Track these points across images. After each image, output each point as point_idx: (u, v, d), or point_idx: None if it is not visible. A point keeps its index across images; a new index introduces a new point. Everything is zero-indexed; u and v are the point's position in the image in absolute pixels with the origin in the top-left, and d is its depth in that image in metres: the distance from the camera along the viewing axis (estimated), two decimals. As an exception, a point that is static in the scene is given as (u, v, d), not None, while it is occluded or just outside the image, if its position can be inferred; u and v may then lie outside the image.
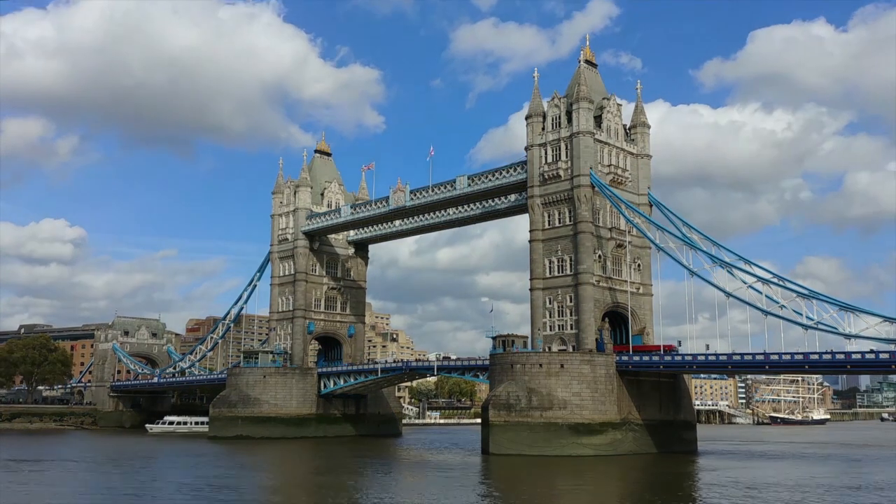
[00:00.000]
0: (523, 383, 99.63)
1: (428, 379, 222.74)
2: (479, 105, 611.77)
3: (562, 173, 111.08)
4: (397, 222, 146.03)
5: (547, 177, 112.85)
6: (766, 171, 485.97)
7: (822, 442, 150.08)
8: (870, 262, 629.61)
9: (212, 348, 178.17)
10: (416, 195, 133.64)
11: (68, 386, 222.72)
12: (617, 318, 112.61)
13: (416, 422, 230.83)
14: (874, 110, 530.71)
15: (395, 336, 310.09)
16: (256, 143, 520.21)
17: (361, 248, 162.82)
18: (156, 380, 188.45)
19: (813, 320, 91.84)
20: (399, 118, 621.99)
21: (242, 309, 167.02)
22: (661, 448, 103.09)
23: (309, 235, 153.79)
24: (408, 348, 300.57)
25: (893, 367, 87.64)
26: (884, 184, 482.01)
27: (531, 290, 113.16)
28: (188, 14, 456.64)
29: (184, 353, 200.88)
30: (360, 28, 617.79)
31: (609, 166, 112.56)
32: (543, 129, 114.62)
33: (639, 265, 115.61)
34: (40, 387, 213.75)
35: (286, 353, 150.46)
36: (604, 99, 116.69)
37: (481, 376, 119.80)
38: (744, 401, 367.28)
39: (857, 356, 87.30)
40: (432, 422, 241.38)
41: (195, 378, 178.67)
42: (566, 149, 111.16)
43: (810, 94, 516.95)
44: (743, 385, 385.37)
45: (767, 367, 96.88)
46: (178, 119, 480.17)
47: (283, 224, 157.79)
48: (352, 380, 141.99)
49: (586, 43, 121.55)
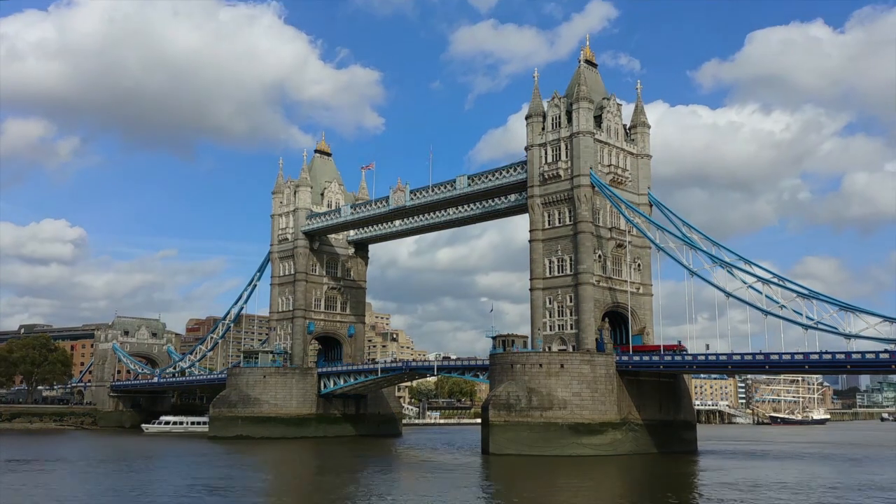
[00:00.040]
0: (523, 383, 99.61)
1: (428, 379, 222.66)
2: (479, 106, 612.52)
3: (562, 173, 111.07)
4: (397, 222, 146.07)
5: (547, 177, 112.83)
6: (765, 171, 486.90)
7: (822, 442, 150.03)
8: (868, 262, 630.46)
9: (212, 348, 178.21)
10: (416, 195, 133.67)
11: (68, 386, 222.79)
12: (617, 318, 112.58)
13: (416, 422, 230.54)
14: (872, 111, 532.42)
15: (395, 336, 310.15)
16: (256, 144, 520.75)
17: (361, 248, 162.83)
18: (156, 380, 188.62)
19: (813, 320, 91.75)
20: (399, 119, 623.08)
21: (242, 309, 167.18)
22: (661, 448, 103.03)
23: (309, 235, 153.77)
24: (408, 348, 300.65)
25: (893, 367, 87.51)
26: (882, 184, 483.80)
27: (531, 289, 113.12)
28: (189, 16, 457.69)
29: (184, 353, 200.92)
30: (360, 30, 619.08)
31: (609, 166, 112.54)
32: (543, 129, 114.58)
33: (639, 265, 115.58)
34: (40, 387, 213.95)
35: (286, 353, 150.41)
36: (604, 99, 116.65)
37: (481, 376, 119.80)
38: (744, 401, 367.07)
39: (857, 356, 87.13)
40: (432, 422, 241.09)
41: (195, 378, 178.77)
42: (566, 149, 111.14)
43: (808, 95, 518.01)
44: (743, 385, 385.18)
45: (767, 367, 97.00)
46: (178, 120, 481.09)
47: (283, 224, 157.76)
48: (352, 380, 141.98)
49: (586, 43, 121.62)
